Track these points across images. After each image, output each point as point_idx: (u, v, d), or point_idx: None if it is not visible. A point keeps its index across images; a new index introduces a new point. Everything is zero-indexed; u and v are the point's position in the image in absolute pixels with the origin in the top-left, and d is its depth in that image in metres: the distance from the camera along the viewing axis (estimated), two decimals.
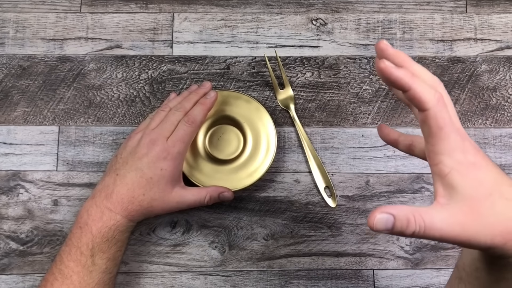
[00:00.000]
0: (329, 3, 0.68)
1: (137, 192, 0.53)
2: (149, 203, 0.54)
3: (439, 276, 0.63)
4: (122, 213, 0.53)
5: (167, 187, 0.55)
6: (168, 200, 0.55)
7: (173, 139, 0.55)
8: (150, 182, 0.54)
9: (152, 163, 0.54)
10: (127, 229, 0.54)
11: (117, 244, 0.53)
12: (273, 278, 0.62)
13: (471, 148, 0.36)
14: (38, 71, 0.66)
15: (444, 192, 0.35)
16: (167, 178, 0.54)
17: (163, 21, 0.67)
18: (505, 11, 0.69)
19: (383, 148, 0.65)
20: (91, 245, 0.52)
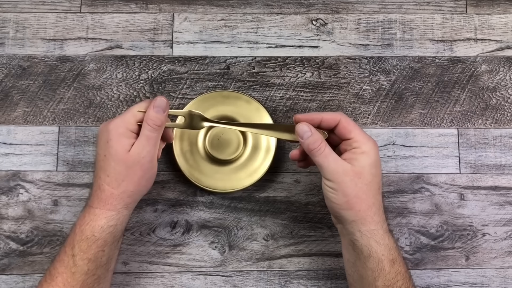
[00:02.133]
0: (329, 3, 0.68)
1: (102, 176, 0.51)
2: (117, 180, 0.51)
3: (439, 276, 0.63)
4: (98, 205, 0.51)
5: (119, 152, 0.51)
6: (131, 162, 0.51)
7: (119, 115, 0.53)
8: (105, 160, 0.51)
9: (100, 140, 0.52)
10: (106, 223, 0.51)
11: (97, 242, 0.50)
12: (273, 278, 0.62)
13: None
14: (38, 71, 0.66)
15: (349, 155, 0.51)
16: (116, 146, 0.51)
17: (163, 21, 0.67)
18: (505, 11, 0.69)
19: (383, 148, 0.65)
20: (73, 244, 0.50)
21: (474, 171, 0.65)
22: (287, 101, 0.66)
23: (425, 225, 0.64)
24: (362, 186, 0.50)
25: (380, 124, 0.66)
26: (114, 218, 0.52)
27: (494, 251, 0.63)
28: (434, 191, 0.64)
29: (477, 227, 0.64)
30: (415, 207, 0.64)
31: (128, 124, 0.52)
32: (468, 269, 0.63)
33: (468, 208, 0.64)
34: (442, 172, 0.65)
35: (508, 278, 0.63)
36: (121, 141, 0.51)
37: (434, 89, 0.66)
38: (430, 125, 0.66)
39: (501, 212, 0.64)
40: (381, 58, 0.67)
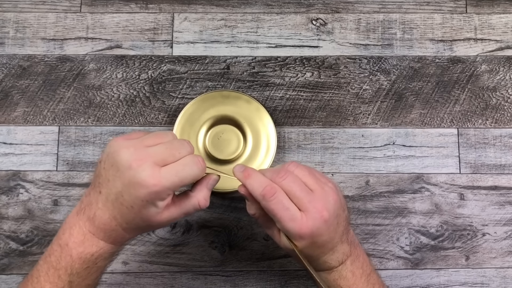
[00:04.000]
0: (329, 3, 0.68)
1: (119, 220, 0.46)
2: (135, 230, 0.48)
3: (439, 276, 0.63)
4: (106, 239, 0.47)
5: (151, 215, 0.46)
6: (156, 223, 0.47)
7: (171, 171, 0.44)
8: (132, 212, 0.45)
9: (133, 190, 0.44)
10: (111, 255, 0.48)
11: (98, 270, 0.48)
12: (273, 278, 0.62)
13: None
14: (38, 71, 0.66)
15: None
16: (150, 209, 0.45)
17: (163, 21, 0.67)
18: (505, 11, 0.69)
19: (383, 148, 0.65)
20: (70, 270, 0.46)
21: (474, 171, 0.65)
22: (287, 101, 0.66)
23: (425, 225, 0.64)
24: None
25: (380, 124, 0.66)
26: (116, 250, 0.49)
27: (494, 251, 0.63)
28: (434, 191, 0.64)
29: (477, 227, 0.64)
30: (415, 207, 0.64)
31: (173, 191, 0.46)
32: (468, 269, 0.63)
33: (468, 208, 0.64)
34: (442, 172, 0.65)
35: (508, 278, 0.63)
36: (158, 206, 0.45)
37: (434, 89, 0.66)
38: (430, 125, 0.66)
39: (501, 212, 0.64)
40: (381, 58, 0.67)
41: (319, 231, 0.46)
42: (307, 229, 0.46)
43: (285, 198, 0.46)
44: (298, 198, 0.46)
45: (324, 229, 0.46)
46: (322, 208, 0.46)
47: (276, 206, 0.46)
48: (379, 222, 0.64)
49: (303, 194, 0.47)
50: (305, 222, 0.46)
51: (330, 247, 0.48)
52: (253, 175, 0.48)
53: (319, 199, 0.47)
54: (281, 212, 0.46)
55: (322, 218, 0.46)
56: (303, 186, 0.47)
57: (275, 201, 0.46)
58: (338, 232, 0.48)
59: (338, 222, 0.48)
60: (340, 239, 0.49)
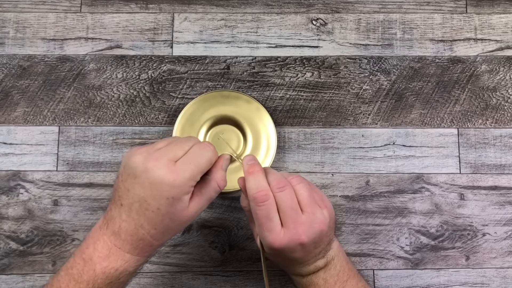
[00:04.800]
0: (329, 3, 0.68)
1: (147, 227, 0.45)
2: (164, 234, 0.47)
3: (439, 276, 0.63)
4: (132, 252, 0.46)
5: (179, 211, 0.46)
6: (185, 220, 0.47)
7: (183, 161, 0.45)
8: (159, 214, 0.45)
9: (155, 191, 0.44)
10: (135, 269, 0.47)
11: (120, 286, 0.47)
12: (273, 278, 0.62)
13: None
14: (38, 71, 0.66)
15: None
16: (177, 205, 0.45)
17: (163, 21, 0.67)
18: (505, 11, 0.69)
19: (383, 148, 0.65)
20: (92, 285, 0.45)
21: (474, 171, 0.65)
22: (287, 101, 0.66)
23: (425, 225, 0.64)
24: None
25: (380, 124, 0.66)
26: (143, 262, 0.48)
27: (494, 251, 0.63)
28: (434, 191, 0.64)
29: (477, 227, 0.64)
30: (415, 207, 0.64)
31: (195, 181, 0.46)
32: (468, 269, 0.63)
33: (468, 208, 0.64)
34: (442, 172, 0.65)
35: (508, 278, 0.63)
36: (183, 200, 0.45)
37: (434, 89, 0.66)
38: (430, 125, 0.66)
39: (501, 212, 0.64)
40: (381, 58, 0.67)
41: (291, 250, 0.48)
42: (279, 245, 0.47)
43: (273, 209, 0.47)
44: (285, 214, 0.47)
45: (297, 250, 0.48)
46: (302, 232, 0.47)
47: (261, 213, 0.47)
48: (379, 222, 0.64)
49: (291, 213, 0.47)
50: (281, 238, 0.47)
51: (301, 262, 0.49)
52: (255, 174, 0.49)
53: (304, 223, 0.47)
54: (263, 220, 0.47)
55: (299, 241, 0.47)
56: (295, 204, 0.48)
57: (262, 207, 0.47)
58: (312, 253, 0.49)
59: (317, 246, 0.49)
60: (314, 257, 0.49)
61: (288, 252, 0.48)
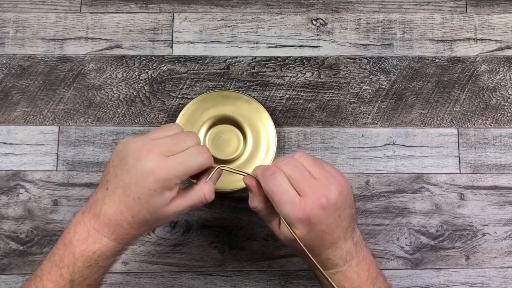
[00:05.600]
0: (329, 3, 0.68)
1: (125, 214, 0.46)
2: (140, 225, 0.47)
3: (439, 276, 0.63)
4: (109, 236, 0.46)
5: (157, 206, 0.46)
6: (162, 216, 0.47)
7: (176, 159, 0.46)
8: (138, 203, 0.45)
9: (140, 180, 0.45)
10: (113, 254, 0.48)
11: (100, 270, 0.47)
12: (273, 278, 0.62)
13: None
14: (38, 71, 0.66)
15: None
16: (156, 199, 0.45)
17: (163, 21, 0.67)
18: (505, 11, 0.69)
19: (383, 148, 0.65)
20: (72, 269, 0.46)
21: (474, 171, 0.65)
22: (287, 101, 0.66)
23: (425, 225, 0.64)
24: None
25: (380, 124, 0.66)
26: (120, 250, 0.48)
27: (494, 251, 0.63)
28: (434, 191, 0.64)
29: (477, 227, 0.64)
30: (415, 207, 0.64)
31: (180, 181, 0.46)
32: (468, 269, 0.63)
33: (468, 208, 0.64)
34: (442, 172, 0.65)
35: (508, 278, 0.63)
36: (165, 195, 0.46)
37: (434, 89, 0.66)
38: (430, 125, 0.66)
39: (501, 212, 0.64)
40: (381, 58, 0.67)
41: (316, 218, 0.45)
42: (303, 214, 0.45)
43: (285, 181, 0.46)
44: (298, 182, 0.46)
45: (322, 216, 0.45)
46: (321, 195, 0.45)
47: (275, 187, 0.46)
48: (379, 222, 0.64)
49: (304, 179, 0.46)
50: (303, 206, 0.45)
51: (331, 241, 0.47)
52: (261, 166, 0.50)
53: (320, 186, 0.46)
54: (279, 194, 0.46)
55: (321, 205, 0.45)
56: (305, 172, 0.47)
57: (274, 181, 0.46)
58: (340, 226, 0.47)
59: (341, 215, 0.47)
60: (343, 235, 0.47)
61: (314, 223, 0.45)
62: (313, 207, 0.45)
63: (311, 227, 0.46)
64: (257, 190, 0.49)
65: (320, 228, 0.46)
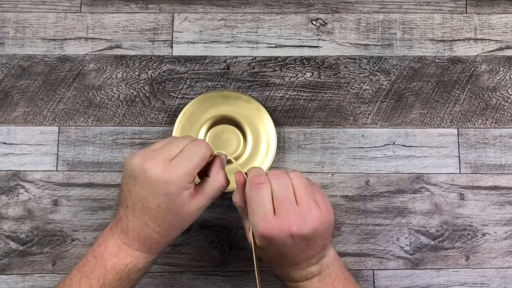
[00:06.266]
0: (329, 3, 0.68)
1: (151, 225, 0.47)
2: (169, 231, 0.48)
3: (439, 276, 0.63)
4: (141, 249, 0.48)
5: (179, 207, 0.47)
6: (187, 216, 0.49)
7: (178, 159, 0.48)
8: (160, 211, 0.47)
9: (154, 189, 0.46)
10: (145, 266, 0.49)
11: (130, 283, 0.49)
12: (273, 278, 0.62)
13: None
14: (38, 71, 0.66)
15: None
16: (176, 201, 0.47)
17: (163, 21, 0.67)
18: (505, 11, 0.69)
19: (383, 148, 0.65)
20: (102, 281, 0.47)
21: (474, 171, 0.65)
22: (287, 101, 0.66)
23: (425, 225, 0.64)
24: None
25: (380, 124, 0.66)
26: (152, 259, 0.50)
27: (494, 251, 0.63)
28: (434, 191, 0.64)
29: (477, 227, 0.64)
30: (415, 207, 0.64)
31: (191, 177, 0.48)
32: (468, 269, 0.63)
33: (468, 208, 0.64)
34: (442, 172, 0.65)
35: (508, 278, 0.63)
36: (182, 196, 0.47)
37: (434, 89, 0.66)
38: (430, 125, 0.66)
39: (501, 212, 0.64)
40: (381, 58, 0.67)
41: (280, 241, 0.46)
42: (268, 232, 0.46)
43: (267, 195, 0.47)
44: (279, 202, 0.47)
45: (287, 241, 0.46)
46: (294, 223, 0.46)
47: (255, 196, 0.47)
48: (379, 222, 0.64)
49: (286, 201, 0.47)
50: (271, 225, 0.46)
51: (292, 262, 0.48)
52: (257, 169, 0.51)
53: (297, 214, 0.46)
54: (256, 205, 0.47)
55: (289, 232, 0.45)
56: (291, 195, 0.47)
57: (257, 191, 0.47)
58: (305, 253, 0.48)
59: (309, 245, 0.47)
60: (306, 260, 0.48)
61: (279, 244, 0.46)
62: (281, 230, 0.46)
63: (273, 246, 0.47)
64: (242, 189, 0.50)
65: (283, 250, 0.47)
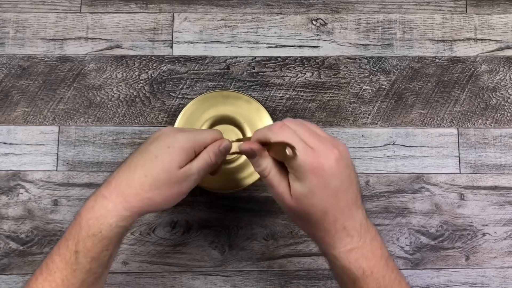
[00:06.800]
0: (329, 3, 0.68)
1: (139, 172, 0.46)
2: (152, 186, 0.46)
3: (439, 276, 0.63)
4: (116, 199, 0.46)
5: (172, 164, 0.47)
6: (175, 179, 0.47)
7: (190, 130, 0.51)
8: (154, 161, 0.46)
9: (161, 141, 0.48)
10: (116, 222, 0.46)
11: (103, 241, 0.46)
12: (273, 278, 0.62)
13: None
14: (38, 71, 0.66)
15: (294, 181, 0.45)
16: (173, 156, 0.47)
17: (163, 21, 0.67)
18: (505, 11, 0.69)
19: (383, 148, 0.65)
20: (77, 239, 0.45)
21: (474, 171, 0.65)
22: (287, 101, 0.66)
23: (425, 225, 0.64)
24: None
25: (380, 124, 0.66)
26: (125, 219, 0.46)
27: (494, 251, 0.63)
28: (434, 191, 0.64)
29: (477, 227, 0.64)
30: (415, 207, 0.64)
31: (198, 145, 0.49)
32: (468, 269, 0.63)
33: (468, 208, 0.64)
34: (442, 172, 0.65)
35: (508, 278, 0.63)
36: (180, 155, 0.47)
37: (434, 89, 0.66)
38: (430, 125, 0.66)
39: (501, 212, 0.64)
40: (381, 58, 0.67)
41: (331, 170, 0.43)
42: (318, 163, 0.43)
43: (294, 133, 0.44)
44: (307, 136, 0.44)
45: (335, 169, 0.43)
46: (332, 147, 0.43)
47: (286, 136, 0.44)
48: (379, 222, 0.64)
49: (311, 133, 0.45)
50: (316, 156, 0.43)
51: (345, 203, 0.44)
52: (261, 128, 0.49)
53: (328, 141, 0.44)
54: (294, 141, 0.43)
55: (334, 156, 0.43)
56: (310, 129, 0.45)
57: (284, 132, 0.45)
58: (352, 188, 0.45)
59: (350, 175, 0.45)
60: (355, 200, 0.45)
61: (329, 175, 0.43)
62: (327, 157, 0.43)
63: (325, 180, 0.43)
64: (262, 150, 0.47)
65: (335, 184, 0.43)
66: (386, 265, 0.45)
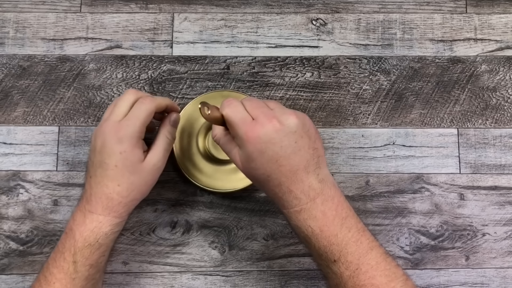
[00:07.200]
0: (329, 3, 0.68)
1: (111, 185, 0.50)
2: (129, 190, 0.51)
3: (439, 276, 0.63)
4: (103, 213, 0.50)
5: (135, 164, 0.50)
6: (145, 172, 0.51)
7: (126, 118, 0.51)
8: (118, 170, 0.50)
9: (109, 150, 0.50)
10: (111, 229, 0.51)
11: (100, 249, 0.51)
12: (273, 278, 0.62)
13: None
14: (38, 71, 0.66)
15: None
16: (131, 157, 0.50)
17: (163, 21, 0.67)
18: (505, 11, 0.69)
19: (383, 148, 0.65)
20: (73, 251, 0.50)
21: (474, 171, 0.65)
22: (287, 101, 0.66)
23: (425, 225, 0.64)
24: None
25: (380, 124, 0.66)
26: (119, 224, 0.52)
27: (494, 251, 0.63)
28: (434, 191, 0.64)
29: (477, 227, 0.64)
30: (415, 207, 0.64)
31: (140, 133, 0.51)
32: (468, 269, 0.63)
33: (468, 208, 0.64)
34: (442, 172, 0.65)
35: (508, 278, 0.63)
36: (136, 152, 0.51)
37: (434, 89, 0.66)
38: (430, 125, 0.66)
39: (501, 212, 0.64)
40: (381, 58, 0.67)
41: (267, 137, 0.46)
42: (253, 133, 0.46)
43: (241, 106, 0.49)
44: (253, 108, 0.48)
45: (273, 136, 0.46)
46: (272, 117, 0.47)
47: (231, 109, 0.49)
48: (379, 222, 0.64)
49: (259, 106, 0.49)
50: (253, 126, 0.47)
51: (289, 168, 0.47)
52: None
53: (274, 113, 0.48)
54: (233, 115, 0.48)
55: (272, 126, 0.46)
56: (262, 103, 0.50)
57: (230, 105, 0.49)
58: (297, 154, 0.47)
59: (297, 142, 0.47)
60: (303, 166, 0.47)
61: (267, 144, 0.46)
62: (263, 126, 0.46)
63: (261, 146, 0.46)
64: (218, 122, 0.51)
65: (273, 150, 0.46)
66: (340, 224, 0.47)
